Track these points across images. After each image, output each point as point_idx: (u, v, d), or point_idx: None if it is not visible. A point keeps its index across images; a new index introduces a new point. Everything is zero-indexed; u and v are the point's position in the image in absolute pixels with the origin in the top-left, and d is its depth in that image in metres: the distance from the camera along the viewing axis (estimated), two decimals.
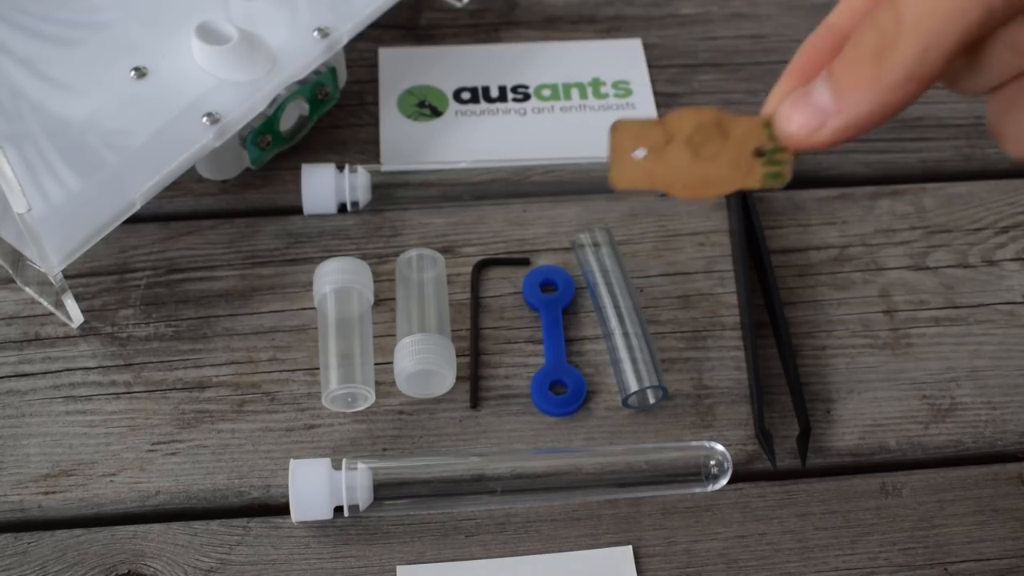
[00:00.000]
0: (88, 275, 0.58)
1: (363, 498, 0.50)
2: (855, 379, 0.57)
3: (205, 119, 0.56)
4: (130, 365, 0.56)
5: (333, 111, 0.65)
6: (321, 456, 0.53)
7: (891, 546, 0.51)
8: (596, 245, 0.58)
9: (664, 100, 0.68)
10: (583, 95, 0.68)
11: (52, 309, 0.56)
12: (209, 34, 0.58)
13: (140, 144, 0.55)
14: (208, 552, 0.50)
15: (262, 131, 0.59)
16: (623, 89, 0.68)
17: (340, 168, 0.61)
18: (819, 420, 0.55)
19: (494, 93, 0.68)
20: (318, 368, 0.55)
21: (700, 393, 0.56)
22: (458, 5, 0.71)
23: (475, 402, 0.55)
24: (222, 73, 0.57)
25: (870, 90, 0.31)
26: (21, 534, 0.50)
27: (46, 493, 0.52)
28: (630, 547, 0.51)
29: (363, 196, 0.61)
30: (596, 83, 0.68)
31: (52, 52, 0.59)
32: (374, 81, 0.68)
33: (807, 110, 0.33)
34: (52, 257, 0.52)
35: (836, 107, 0.32)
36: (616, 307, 0.56)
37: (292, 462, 0.50)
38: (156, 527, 0.51)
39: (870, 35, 0.31)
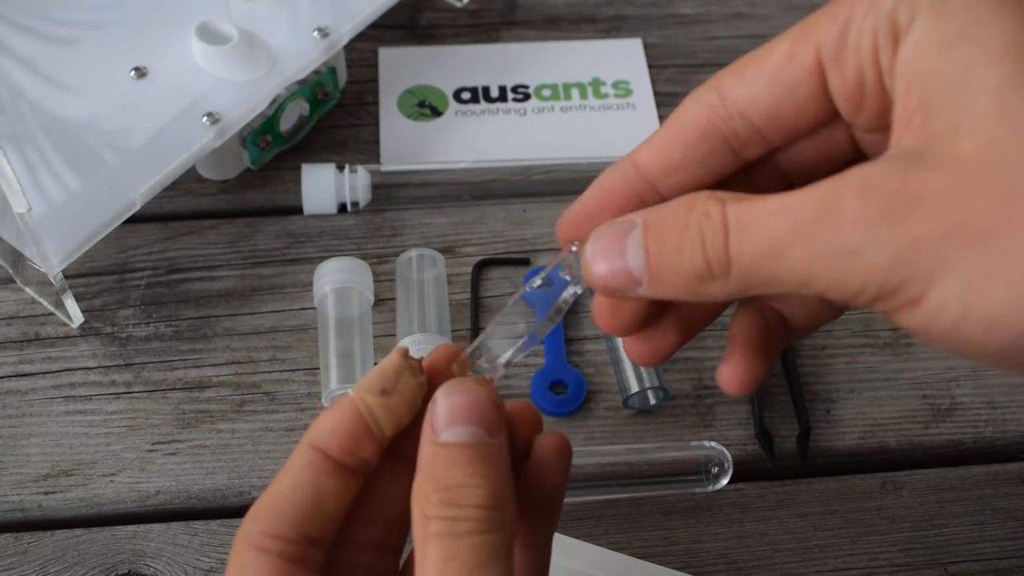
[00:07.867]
0: (88, 275, 0.58)
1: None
2: (855, 379, 0.57)
3: (205, 119, 0.56)
4: (130, 365, 0.56)
5: (333, 111, 0.65)
6: None
7: (891, 546, 0.51)
8: None
9: (664, 100, 0.68)
10: (583, 95, 0.68)
11: (52, 309, 0.56)
12: (209, 34, 0.58)
13: (140, 144, 0.55)
14: (208, 552, 0.50)
15: (262, 131, 0.59)
16: (623, 89, 0.68)
17: (340, 168, 0.61)
18: (819, 420, 0.55)
19: (494, 93, 0.68)
20: (318, 368, 0.55)
21: (700, 393, 0.56)
22: (458, 5, 0.71)
23: None
24: (222, 73, 0.57)
25: (685, 295, 0.31)
26: (21, 534, 0.50)
27: (46, 493, 0.52)
28: None
29: (363, 196, 0.61)
30: (596, 83, 0.68)
31: (52, 52, 0.59)
32: (374, 81, 0.68)
33: (619, 271, 0.33)
34: (52, 257, 0.52)
35: (647, 287, 0.32)
36: None
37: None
38: (156, 527, 0.51)
39: (697, 256, 0.30)
